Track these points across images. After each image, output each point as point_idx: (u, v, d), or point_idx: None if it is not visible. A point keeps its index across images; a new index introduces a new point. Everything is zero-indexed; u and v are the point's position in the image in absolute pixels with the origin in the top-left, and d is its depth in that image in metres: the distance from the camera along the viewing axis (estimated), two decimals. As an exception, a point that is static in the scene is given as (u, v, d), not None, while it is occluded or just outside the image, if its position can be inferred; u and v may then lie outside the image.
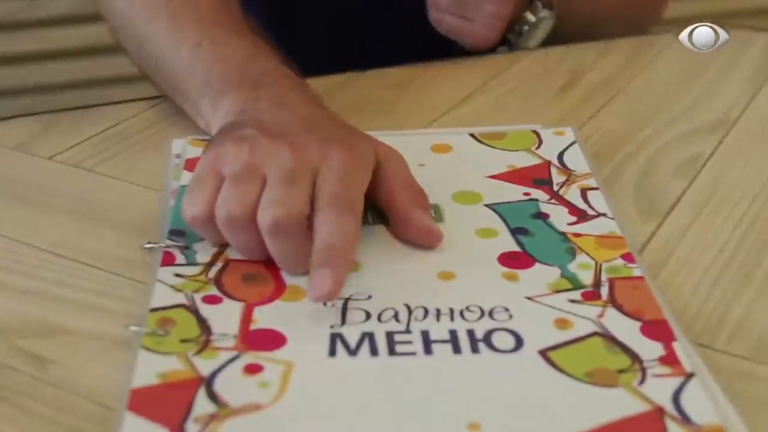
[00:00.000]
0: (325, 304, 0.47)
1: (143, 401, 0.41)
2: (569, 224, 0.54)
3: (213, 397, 0.41)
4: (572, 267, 0.50)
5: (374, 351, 0.44)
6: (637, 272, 0.50)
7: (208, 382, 0.42)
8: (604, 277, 0.49)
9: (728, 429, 0.40)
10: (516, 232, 0.53)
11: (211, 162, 0.51)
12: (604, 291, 0.48)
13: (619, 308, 0.47)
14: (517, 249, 0.52)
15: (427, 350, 0.44)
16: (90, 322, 0.47)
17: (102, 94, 0.70)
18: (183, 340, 0.45)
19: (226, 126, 0.54)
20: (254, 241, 0.49)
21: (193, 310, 0.47)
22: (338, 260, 0.47)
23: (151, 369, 0.43)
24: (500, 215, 0.55)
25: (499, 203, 0.56)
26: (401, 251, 0.52)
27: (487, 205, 0.56)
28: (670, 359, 0.43)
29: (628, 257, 0.51)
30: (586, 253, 0.51)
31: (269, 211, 0.48)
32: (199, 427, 0.40)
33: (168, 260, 0.50)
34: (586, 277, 0.49)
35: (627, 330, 0.45)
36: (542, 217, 0.55)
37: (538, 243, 0.52)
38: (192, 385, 0.42)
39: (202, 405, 0.41)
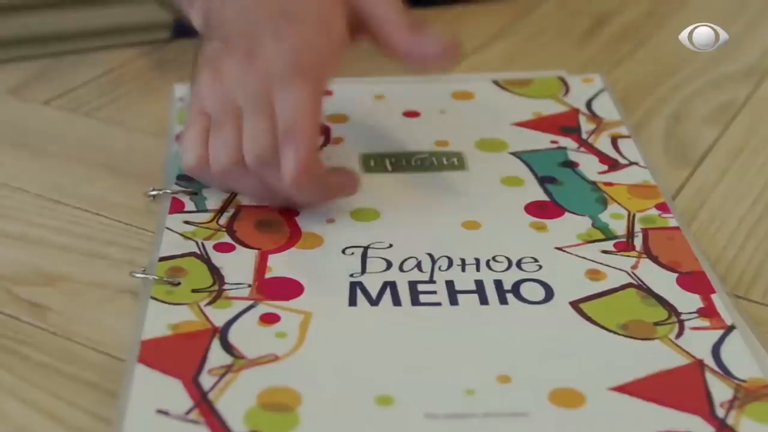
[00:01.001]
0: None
1: (154, 353, 0.39)
2: (600, 173, 0.51)
3: (228, 348, 0.39)
4: (604, 217, 0.48)
5: (396, 301, 0.42)
6: (672, 222, 0.47)
7: (222, 332, 0.40)
8: (637, 227, 0.47)
9: None
10: (544, 180, 0.51)
11: (196, 102, 0.48)
12: (638, 242, 0.46)
13: (654, 259, 0.45)
14: (545, 198, 0.49)
15: (453, 301, 0.42)
16: (92, 271, 0.45)
17: (103, 42, 0.67)
18: (195, 290, 0.42)
19: (202, 38, 0.49)
20: (259, 185, 0.46)
21: (205, 259, 0.44)
22: (298, 136, 0.44)
23: (162, 320, 0.41)
24: (526, 163, 0.52)
25: (525, 151, 0.53)
26: (423, 200, 0.50)
27: (512, 153, 0.53)
28: (708, 311, 0.41)
29: (663, 207, 0.49)
30: (619, 203, 0.49)
31: (249, 151, 0.45)
32: (214, 379, 0.38)
33: (177, 207, 0.48)
34: (619, 228, 0.47)
35: (663, 281, 0.43)
36: (571, 165, 0.52)
37: (567, 192, 0.50)
38: (205, 336, 0.40)
39: (217, 356, 0.39)
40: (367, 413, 0.36)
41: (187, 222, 0.47)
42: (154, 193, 0.49)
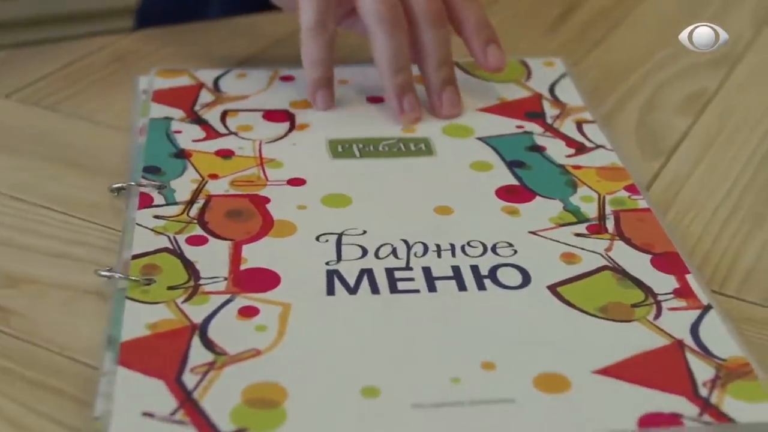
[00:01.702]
0: None
1: (135, 354, 0.38)
2: (567, 156, 0.51)
3: (208, 344, 0.38)
4: (574, 200, 0.48)
5: (375, 289, 0.42)
6: (642, 204, 0.48)
7: (202, 329, 0.39)
8: (608, 209, 0.47)
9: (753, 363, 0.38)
10: (512, 165, 0.51)
11: None
12: (610, 224, 0.46)
13: (627, 241, 0.45)
14: (515, 182, 0.49)
15: (431, 287, 0.42)
16: (56, 271, 0.44)
17: (64, 31, 0.65)
18: (170, 287, 0.41)
19: None
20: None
21: (178, 254, 0.43)
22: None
23: (139, 320, 0.40)
24: (494, 148, 0.52)
25: (492, 136, 0.53)
26: (393, 185, 0.49)
27: (479, 139, 0.53)
28: (684, 291, 0.42)
29: (632, 189, 0.49)
30: (588, 186, 0.49)
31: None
32: (197, 378, 0.37)
33: (145, 202, 0.47)
34: (590, 210, 0.47)
35: (637, 263, 0.43)
36: (538, 149, 0.52)
37: (536, 176, 0.50)
38: (185, 334, 0.39)
39: (198, 354, 0.38)
40: (354, 405, 0.36)
41: (157, 216, 0.46)
42: (117, 186, 0.48)
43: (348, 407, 0.36)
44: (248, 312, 0.40)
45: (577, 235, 0.45)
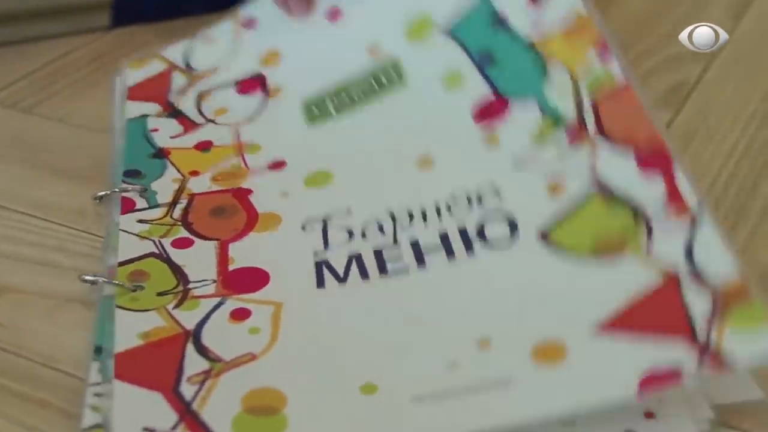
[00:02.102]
0: None
1: (130, 366, 0.37)
2: (531, 19, 0.48)
3: (203, 351, 0.38)
4: (550, 94, 0.46)
5: (364, 273, 0.41)
6: (618, 76, 0.45)
7: (195, 335, 0.39)
8: (586, 100, 0.45)
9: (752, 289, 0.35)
10: (482, 63, 0.49)
11: None
12: (590, 121, 0.44)
13: (610, 140, 0.43)
14: (488, 91, 0.48)
15: (420, 262, 0.41)
16: (38, 280, 0.44)
17: (38, 29, 0.64)
18: (160, 293, 0.41)
19: None
20: None
21: (165, 258, 0.43)
22: None
23: (131, 329, 0.39)
24: (460, 42, 0.50)
25: (454, 24, 0.51)
26: (372, 144, 0.48)
27: (444, 33, 0.51)
28: (674, 197, 0.39)
29: (602, 47, 0.46)
30: (558, 61, 0.46)
31: None
32: (195, 388, 0.37)
33: (128, 206, 0.46)
34: (568, 106, 0.45)
35: (623, 169, 0.41)
36: (501, 24, 0.49)
37: (506, 71, 0.48)
38: (178, 341, 0.39)
39: (193, 362, 0.38)
40: (353, 406, 0.35)
41: (140, 221, 0.45)
42: (101, 194, 0.47)
43: (348, 408, 0.35)
44: (240, 314, 0.40)
45: (560, 154, 0.43)
